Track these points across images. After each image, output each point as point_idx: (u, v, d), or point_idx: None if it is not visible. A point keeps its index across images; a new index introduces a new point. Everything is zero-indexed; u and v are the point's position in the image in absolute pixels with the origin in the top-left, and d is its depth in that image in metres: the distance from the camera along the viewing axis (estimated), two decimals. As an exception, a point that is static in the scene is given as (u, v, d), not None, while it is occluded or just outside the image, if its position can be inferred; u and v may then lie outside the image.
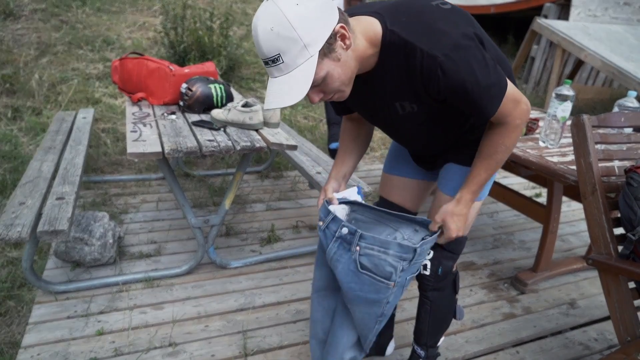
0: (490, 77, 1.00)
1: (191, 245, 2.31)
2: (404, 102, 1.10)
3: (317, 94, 1.01)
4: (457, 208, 1.17)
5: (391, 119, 1.18)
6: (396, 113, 1.13)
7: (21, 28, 4.06)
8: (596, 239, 1.44)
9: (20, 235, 1.49)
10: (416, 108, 1.10)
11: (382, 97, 1.12)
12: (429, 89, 1.02)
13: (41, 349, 1.58)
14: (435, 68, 0.96)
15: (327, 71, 0.96)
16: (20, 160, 2.86)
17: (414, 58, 0.98)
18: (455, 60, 0.96)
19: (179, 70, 2.30)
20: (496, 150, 1.11)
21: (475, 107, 1.03)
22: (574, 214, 3.07)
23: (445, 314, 1.44)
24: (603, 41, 4.61)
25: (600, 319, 2.00)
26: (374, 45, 1.02)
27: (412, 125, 1.17)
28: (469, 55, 0.97)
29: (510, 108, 1.06)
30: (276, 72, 0.95)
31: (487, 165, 1.14)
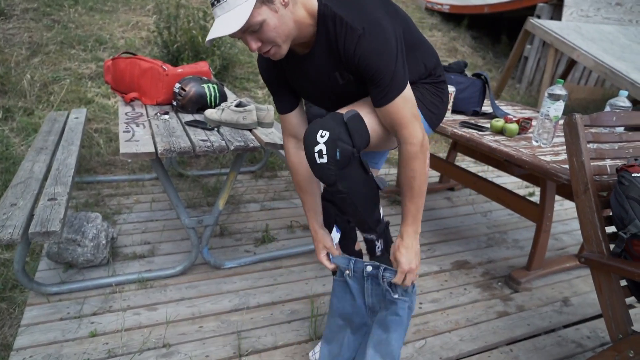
0: (397, 68, 1.13)
1: (185, 245, 2.30)
2: (342, 71, 1.20)
3: (254, 41, 1.11)
4: (403, 243, 1.27)
5: (333, 91, 1.27)
6: (337, 82, 1.23)
7: (12, 27, 4.02)
8: (588, 238, 1.45)
9: (12, 237, 1.47)
10: (352, 78, 1.20)
11: (324, 68, 1.22)
12: (347, 58, 1.14)
13: (34, 351, 1.57)
14: (354, 39, 1.10)
15: (264, 18, 1.06)
16: (11, 161, 2.84)
17: (340, 28, 1.12)
18: (372, 34, 1.10)
19: (172, 70, 2.29)
20: (410, 181, 1.22)
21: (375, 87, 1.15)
22: (566, 212, 3.09)
23: (369, 193, 1.31)
24: (595, 41, 4.65)
25: (592, 316, 2.01)
26: (311, 16, 1.15)
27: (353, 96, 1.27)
28: (385, 39, 1.11)
29: (408, 118, 1.17)
30: (219, 12, 1.06)
31: (409, 196, 1.24)
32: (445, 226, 2.77)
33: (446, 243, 2.57)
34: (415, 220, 1.26)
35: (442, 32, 6.50)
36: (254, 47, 1.11)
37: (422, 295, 2.07)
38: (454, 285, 2.17)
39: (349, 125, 1.17)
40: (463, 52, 6.26)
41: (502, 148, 1.95)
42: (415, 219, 1.26)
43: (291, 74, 1.32)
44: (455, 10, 6.63)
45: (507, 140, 2.09)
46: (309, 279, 2.12)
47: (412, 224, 1.26)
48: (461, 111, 2.54)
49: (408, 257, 1.26)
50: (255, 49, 1.12)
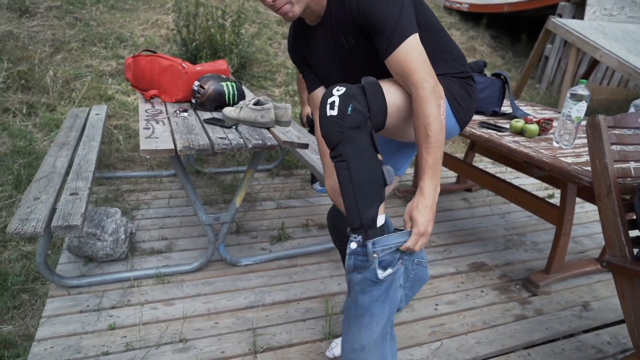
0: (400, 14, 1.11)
1: (202, 242, 2.33)
2: (347, 35, 1.21)
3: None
4: (421, 200, 1.13)
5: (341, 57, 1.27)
6: (342, 47, 1.24)
7: (36, 25, 4.11)
8: (611, 242, 1.42)
9: (35, 230, 1.51)
10: (354, 42, 1.21)
11: (332, 33, 1.24)
12: (352, 13, 1.15)
13: (54, 342, 1.60)
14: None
15: None
16: (34, 156, 2.90)
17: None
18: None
19: (192, 68, 2.31)
20: (425, 129, 1.11)
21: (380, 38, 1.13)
22: (587, 215, 3.04)
23: (370, 176, 1.12)
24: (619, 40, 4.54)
25: (613, 322, 1.97)
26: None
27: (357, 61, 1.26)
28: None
29: (417, 62, 1.12)
30: None
31: (426, 148, 1.12)
32: (462, 227, 2.75)
33: (463, 244, 2.54)
34: (434, 174, 1.13)
35: (460, 31, 6.43)
36: (269, 1, 1.14)
37: (438, 297, 2.06)
38: (470, 287, 2.15)
39: (366, 88, 1.10)
40: (482, 52, 6.19)
41: (522, 149, 1.92)
42: (434, 172, 1.13)
43: (307, 46, 1.36)
44: (475, 9, 6.55)
45: (527, 141, 2.06)
46: (324, 278, 2.12)
47: (432, 177, 1.13)
48: (480, 111, 2.50)
49: (427, 217, 1.12)
50: (271, 1, 1.14)
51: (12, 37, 3.82)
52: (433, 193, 1.13)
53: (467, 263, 2.36)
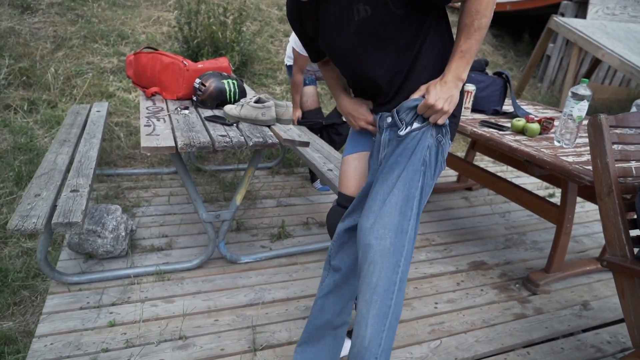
0: None
1: (202, 239, 2.33)
2: (359, 4, 1.11)
3: None
4: (441, 80, 1.15)
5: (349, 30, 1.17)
6: (352, 19, 1.14)
7: (38, 22, 4.11)
8: (611, 241, 1.42)
9: (36, 227, 1.51)
10: (369, 11, 1.10)
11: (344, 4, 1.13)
12: None
13: (54, 338, 1.61)
14: None
15: None
16: (35, 153, 2.91)
17: None
18: None
19: (193, 66, 2.31)
20: (471, 18, 1.09)
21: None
22: (587, 215, 3.03)
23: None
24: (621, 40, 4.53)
25: (613, 321, 1.97)
26: None
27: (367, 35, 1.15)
28: None
29: None
30: None
31: (465, 33, 1.11)
32: (463, 226, 2.75)
33: (463, 243, 2.54)
34: (463, 58, 1.12)
35: (462, 29, 6.41)
36: None
37: (438, 295, 2.06)
38: (470, 285, 2.15)
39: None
40: (484, 50, 6.18)
41: (523, 148, 1.92)
42: (462, 57, 1.12)
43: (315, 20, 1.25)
44: (477, 7, 6.53)
45: (528, 140, 2.06)
46: (324, 276, 2.12)
47: (458, 62, 1.13)
48: (481, 110, 2.50)
49: (439, 93, 1.13)
50: None
51: (14, 33, 3.82)
52: (454, 77, 1.14)
53: (467, 262, 2.36)
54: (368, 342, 1.17)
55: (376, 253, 1.16)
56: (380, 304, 1.16)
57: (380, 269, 1.16)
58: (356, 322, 1.20)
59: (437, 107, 1.14)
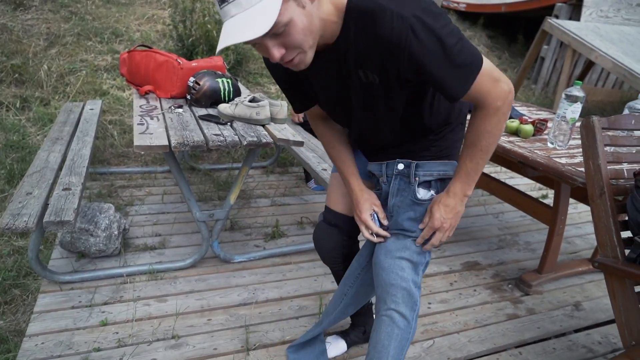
0: (463, 47, 0.93)
1: (195, 238, 2.32)
2: (366, 70, 1.01)
3: (278, 48, 0.89)
4: (444, 198, 1.14)
5: (351, 94, 1.09)
6: (358, 81, 1.04)
7: (31, 18, 4.08)
8: (603, 242, 1.43)
9: (27, 225, 1.50)
10: (377, 79, 1.02)
11: (345, 67, 1.03)
12: (397, 57, 0.93)
13: (45, 337, 1.60)
14: (405, 29, 0.88)
15: (291, 17, 0.85)
16: (27, 150, 2.88)
17: (382, 20, 0.89)
18: (425, 22, 0.88)
19: (187, 64, 2.30)
20: (479, 137, 1.04)
21: (446, 81, 0.95)
22: (580, 216, 3.05)
23: None
24: (615, 42, 4.56)
25: (604, 322, 1.99)
26: (338, 10, 0.95)
27: (372, 101, 1.08)
28: (440, 20, 0.90)
29: (489, 87, 0.98)
30: (234, 10, 0.83)
31: (471, 153, 1.07)
32: (456, 226, 2.75)
33: (456, 244, 2.55)
34: (468, 178, 1.10)
35: (457, 30, 6.43)
36: (276, 56, 0.89)
37: (431, 296, 2.06)
38: (463, 286, 2.16)
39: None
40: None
41: (517, 149, 1.93)
42: (468, 177, 1.10)
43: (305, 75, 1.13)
44: (472, 8, 6.56)
45: (522, 142, 2.07)
46: (318, 276, 2.12)
47: (464, 182, 1.10)
48: (475, 111, 2.51)
49: (444, 214, 1.12)
50: (279, 57, 0.89)
51: (6, 30, 3.79)
52: (459, 196, 1.13)
53: (461, 262, 2.37)
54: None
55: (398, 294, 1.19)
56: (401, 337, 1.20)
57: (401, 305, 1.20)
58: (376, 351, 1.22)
59: (445, 229, 1.15)
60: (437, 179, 1.19)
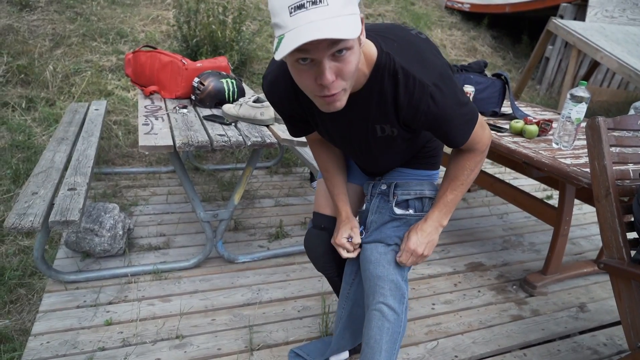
0: (468, 105, 1.05)
1: (200, 239, 2.32)
2: (385, 124, 1.08)
3: (333, 73, 0.84)
4: (423, 225, 1.22)
5: (366, 142, 1.15)
6: (374, 135, 1.11)
7: (37, 19, 4.10)
8: (608, 243, 1.42)
9: (33, 225, 1.51)
10: (396, 132, 1.10)
11: (364, 119, 1.07)
12: (413, 116, 1.02)
13: (51, 337, 1.60)
14: (425, 96, 0.98)
15: (353, 45, 0.84)
16: (33, 151, 2.90)
17: (406, 84, 0.97)
18: (442, 90, 0.98)
19: (192, 64, 2.30)
20: (462, 172, 1.16)
21: (452, 134, 1.07)
22: (585, 217, 3.04)
23: None
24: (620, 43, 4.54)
25: (610, 323, 1.98)
26: (369, 63, 0.97)
27: (386, 147, 1.17)
28: (453, 85, 1.01)
29: (480, 134, 1.11)
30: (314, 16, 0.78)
31: (452, 186, 1.18)
32: (460, 227, 2.75)
33: (461, 244, 2.55)
34: (445, 208, 1.19)
35: (461, 31, 6.42)
36: (330, 79, 0.84)
37: (435, 296, 2.06)
38: (467, 287, 2.16)
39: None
40: (483, 52, 6.19)
41: (521, 150, 1.92)
42: (446, 207, 1.19)
43: (313, 115, 1.13)
44: (476, 9, 6.55)
45: (527, 142, 2.06)
46: (322, 276, 2.12)
47: (441, 211, 1.20)
48: (480, 111, 2.50)
49: (419, 240, 1.20)
50: (331, 80, 0.85)
51: (12, 31, 3.81)
52: (436, 224, 1.21)
53: (465, 263, 2.36)
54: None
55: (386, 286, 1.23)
56: (392, 331, 1.24)
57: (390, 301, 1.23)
58: (369, 347, 1.25)
59: (418, 253, 1.21)
60: (414, 197, 1.27)
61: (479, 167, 1.17)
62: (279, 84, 1.08)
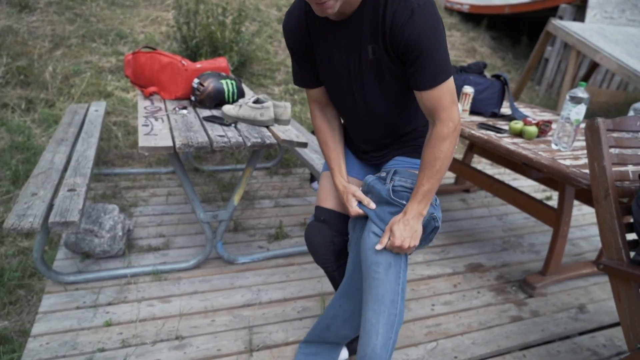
0: (446, 53, 1.12)
1: (199, 239, 2.32)
2: (375, 44, 1.15)
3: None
4: (404, 217, 1.22)
5: (359, 70, 1.22)
6: (366, 58, 1.18)
7: (36, 20, 4.10)
8: (608, 244, 1.42)
9: (32, 226, 1.51)
10: (385, 57, 1.16)
11: (358, 39, 1.17)
12: (393, 33, 1.10)
13: (50, 338, 1.60)
14: (407, 11, 1.06)
15: None
16: (33, 152, 2.90)
17: (392, 4, 1.08)
18: (424, 12, 1.06)
19: (191, 65, 2.30)
20: (435, 159, 1.19)
21: (423, 72, 1.11)
22: (584, 218, 3.04)
23: None
24: (619, 44, 4.55)
25: (609, 324, 1.98)
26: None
27: (376, 78, 1.21)
28: (437, 19, 1.08)
29: (448, 103, 1.15)
30: None
31: (428, 174, 1.20)
32: (460, 228, 2.75)
33: (460, 245, 2.55)
34: (424, 199, 1.22)
35: (461, 32, 6.43)
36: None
37: (435, 297, 2.06)
38: (467, 288, 2.16)
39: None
40: (482, 53, 6.19)
41: (521, 151, 1.93)
42: (424, 198, 1.21)
43: (317, 40, 1.25)
44: (475, 10, 6.55)
45: (526, 143, 2.06)
46: (321, 277, 2.12)
47: (420, 202, 1.22)
48: (479, 112, 2.51)
49: (403, 233, 1.21)
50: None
51: (12, 32, 3.81)
52: (415, 215, 1.22)
53: (464, 264, 2.36)
54: (380, 349, 1.24)
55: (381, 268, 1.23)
56: (388, 313, 1.24)
57: (385, 282, 1.23)
58: (365, 332, 1.25)
59: (404, 247, 1.22)
60: (410, 187, 1.28)
61: (451, 152, 1.20)
62: (294, 13, 1.27)
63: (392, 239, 1.21)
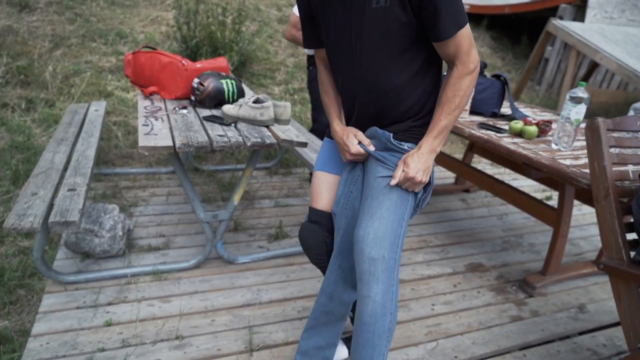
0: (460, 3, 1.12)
1: (199, 239, 2.32)
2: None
3: None
4: (419, 151, 1.22)
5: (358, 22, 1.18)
6: (370, 5, 1.15)
7: (36, 20, 4.10)
8: (608, 244, 1.42)
9: (32, 226, 1.51)
10: (388, 3, 1.13)
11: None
12: None
13: (50, 337, 1.60)
14: None
15: None
16: (33, 151, 2.90)
17: None
18: None
19: (191, 65, 2.30)
20: (454, 95, 1.19)
21: (442, 21, 1.11)
22: (584, 218, 3.04)
23: None
24: (619, 44, 4.55)
25: (609, 324, 1.98)
26: None
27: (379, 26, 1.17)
28: None
29: (468, 46, 1.16)
30: None
31: (447, 110, 1.20)
32: (460, 228, 2.75)
33: (460, 245, 2.55)
34: (440, 134, 1.21)
35: (461, 32, 6.42)
36: None
37: (435, 297, 2.06)
38: (467, 287, 2.16)
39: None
40: (482, 53, 6.19)
41: (521, 150, 1.93)
42: (440, 134, 1.21)
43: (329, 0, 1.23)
44: (475, 10, 6.55)
45: (526, 143, 2.06)
46: (321, 277, 2.12)
47: (436, 138, 1.21)
48: (479, 112, 2.51)
49: (417, 165, 1.20)
50: None
51: (12, 32, 3.81)
52: (430, 150, 1.22)
53: (464, 264, 2.36)
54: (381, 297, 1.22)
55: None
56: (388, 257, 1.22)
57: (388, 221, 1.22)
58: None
59: (417, 180, 1.21)
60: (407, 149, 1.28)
61: (470, 91, 1.20)
62: None
63: (406, 169, 1.21)
